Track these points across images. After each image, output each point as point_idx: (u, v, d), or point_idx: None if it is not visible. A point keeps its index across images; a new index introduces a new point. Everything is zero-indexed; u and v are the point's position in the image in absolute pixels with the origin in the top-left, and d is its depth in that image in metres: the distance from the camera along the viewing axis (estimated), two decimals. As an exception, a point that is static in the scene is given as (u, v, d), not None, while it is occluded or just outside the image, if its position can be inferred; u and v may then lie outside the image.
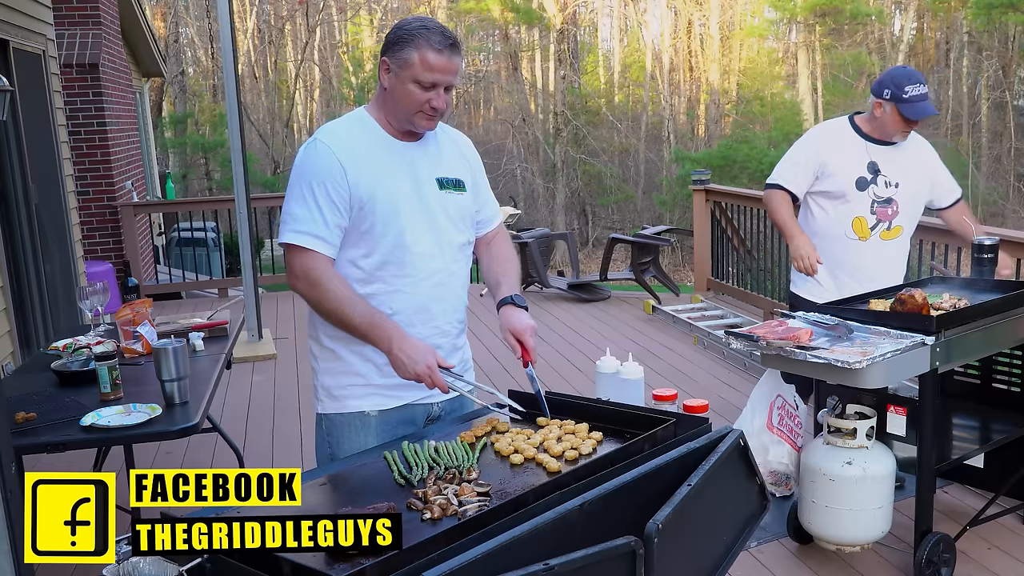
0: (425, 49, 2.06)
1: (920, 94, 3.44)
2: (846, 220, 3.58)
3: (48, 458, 4.33)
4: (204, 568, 1.39)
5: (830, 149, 3.61)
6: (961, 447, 3.32)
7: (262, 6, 26.08)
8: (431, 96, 2.10)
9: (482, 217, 2.37)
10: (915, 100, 3.44)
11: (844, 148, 3.60)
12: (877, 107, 3.52)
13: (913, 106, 3.44)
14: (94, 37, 8.78)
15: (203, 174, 24.21)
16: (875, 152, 3.57)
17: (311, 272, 2.10)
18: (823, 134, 3.74)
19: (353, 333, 2.11)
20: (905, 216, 3.60)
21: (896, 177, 3.56)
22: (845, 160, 3.57)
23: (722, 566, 1.81)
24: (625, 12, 26.34)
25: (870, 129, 3.58)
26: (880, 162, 3.56)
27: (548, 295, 8.47)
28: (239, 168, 6.20)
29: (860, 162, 3.56)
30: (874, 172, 3.55)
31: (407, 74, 2.09)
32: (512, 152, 24.47)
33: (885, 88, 3.48)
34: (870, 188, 3.55)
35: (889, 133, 3.53)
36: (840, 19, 23.18)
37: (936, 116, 3.56)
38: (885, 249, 3.60)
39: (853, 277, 3.60)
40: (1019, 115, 22.90)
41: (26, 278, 5.68)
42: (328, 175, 2.10)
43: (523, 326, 2.17)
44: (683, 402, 3.12)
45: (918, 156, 3.65)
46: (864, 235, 3.58)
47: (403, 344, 2.03)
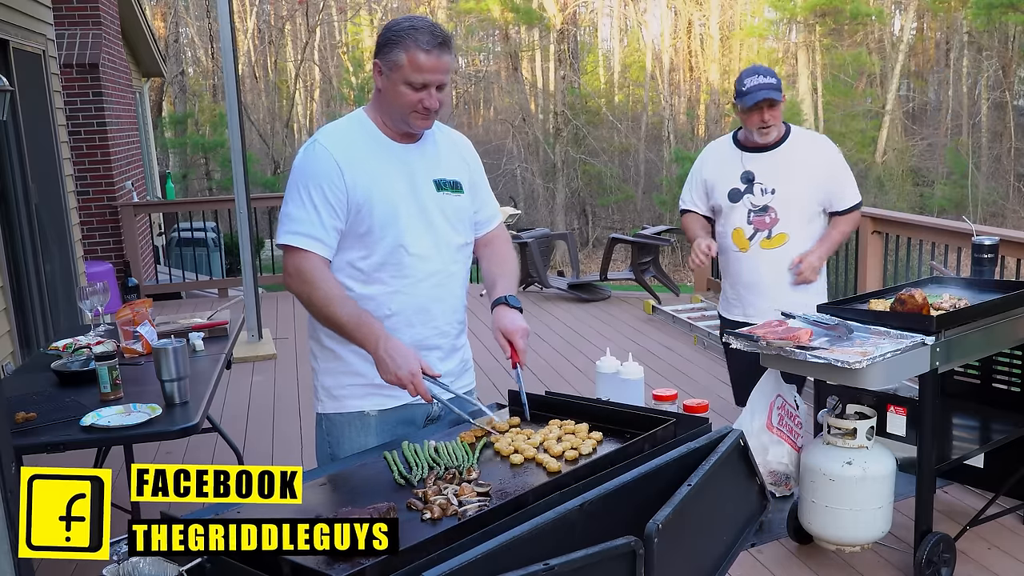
0: (414, 50, 2.06)
1: (756, 84, 3.34)
2: (728, 233, 3.56)
3: (48, 458, 4.34)
4: (204, 568, 1.39)
5: (709, 165, 3.62)
6: (961, 447, 3.32)
7: (262, 6, 26.07)
8: (423, 96, 2.09)
9: (481, 217, 2.37)
10: (752, 91, 3.35)
11: (720, 162, 3.57)
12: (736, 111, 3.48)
13: (748, 96, 3.35)
14: (94, 37, 8.78)
15: (203, 174, 24.20)
16: (750, 161, 3.49)
17: (304, 272, 2.10)
18: (706, 151, 3.72)
19: (341, 332, 2.10)
20: (789, 223, 3.46)
21: (772, 183, 3.45)
22: (720, 174, 3.55)
23: (722, 566, 1.81)
24: (625, 12, 26.34)
25: (744, 137, 3.53)
26: (756, 170, 3.47)
27: (548, 295, 8.47)
28: (239, 168, 6.20)
29: (734, 174, 3.51)
30: (748, 181, 3.48)
31: (397, 76, 2.08)
32: (512, 152, 24.47)
33: (735, 89, 3.44)
34: (745, 198, 3.49)
35: (750, 134, 3.46)
36: (840, 19, 23.18)
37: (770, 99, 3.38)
38: (768, 258, 3.50)
39: (746, 289, 3.58)
40: (1019, 115, 22.90)
41: (26, 278, 5.68)
42: (325, 177, 2.10)
43: (515, 327, 2.17)
44: (683, 402, 3.13)
45: (803, 158, 3.48)
46: (743, 246, 3.53)
47: (388, 346, 2.03)
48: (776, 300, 3.43)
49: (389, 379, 2.03)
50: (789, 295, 3.46)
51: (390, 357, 2.01)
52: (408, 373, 2.00)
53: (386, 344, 2.03)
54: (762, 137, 3.43)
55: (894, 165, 22.84)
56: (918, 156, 23.48)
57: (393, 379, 2.02)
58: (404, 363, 2.01)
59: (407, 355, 2.03)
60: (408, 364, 2.01)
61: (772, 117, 3.39)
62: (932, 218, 6.13)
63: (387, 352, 2.02)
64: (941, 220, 5.79)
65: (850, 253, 6.01)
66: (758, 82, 3.34)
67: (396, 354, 2.02)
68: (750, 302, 3.58)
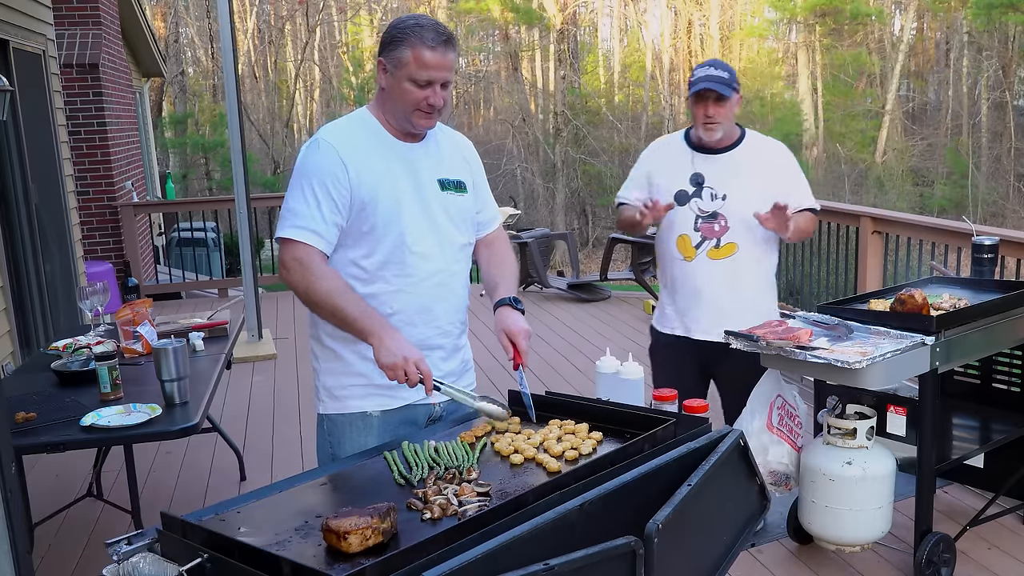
0: (419, 47, 2.06)
1: (705, 75, 3.11)
2: (672, 238, 3.23)
3: (48, 458, 4.35)
4: (204, 568, 1.39)
5: (655, 161, 3.33)
6: (961, 447, 3.32)
7: (262, 6, 26.07)
8: (428, 94, 2.10)
9: (482, 219, 2.37)
10: (698, 81, 3.10)
11: (669, 159, 3.28)
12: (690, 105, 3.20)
13: (692, 85, 3.13)
14: (94, 37, 8.78)
15: (203, 174, 24.21)
16: (701, 163, 3.20)
17: (303, 262, 2.09)
18: (653, 147, 3.43)
19: (342, 322, 2.08)
20: (738, 233, 3.15)
21: (724, 188, 3.15)
22: (667, 172, 3.24)
23: (722, 566, 1.81)
24: (625, 12, 26.34)
25: (697, 136, 3.23)
26: (707, 173, 3.18)
27: (548, 295, 8.47)
28: (239, 168, 6.20)
29: (682, 174, 3.20)
30: (698, 184, 3.17)
31: (402, 73, 2.09)
32: (512, 152, 24.47)
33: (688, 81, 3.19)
34: (693, 202, 3.18)
35: (697, 129, 3.17)
36: (840, 19, 23.19)
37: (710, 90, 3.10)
38: (714, 270, 3.18)
39: (687, 301, 3.25)
40: (1019, 115, 22.91)
41: (26, 278, 5.68)
42: (330, 173, 2.10)
43: (518, 328, 2.17)
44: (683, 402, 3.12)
45: (758, 164, 3.20)
46: (689, 254, 3.20)
47: (392, 334, 2.02)
48: (719, 316, 3.14)
49: (387, 363, 1.99)
50: (734, 312, 3.15)
51: (392, 340, 2.00)
52: (404, 357, 1.98)
53: (390, 331, 2.02)
54: (707, 133, 3.14)
55: (894, 165, 22.85)
56: (918, 156, 23.49)
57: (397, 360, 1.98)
58: (408, 348, 2.00)
59: (408, 344, 2.03)
60: (409, 350, 2.00)
61: (718, 113, 3.10)
62: (932, 218, 6.12)
63: (390, 337, 2.01)
64: (941, 220, 5.78)
65: (850, 253, 6.01)
66: (707, 73, 3.11)
67: (398, 341, 2.01)
68: (692, 316, 3.25)
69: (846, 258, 6.11)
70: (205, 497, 4.00)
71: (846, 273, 6.12)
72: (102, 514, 3.84)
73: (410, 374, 1.99)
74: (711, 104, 3.10)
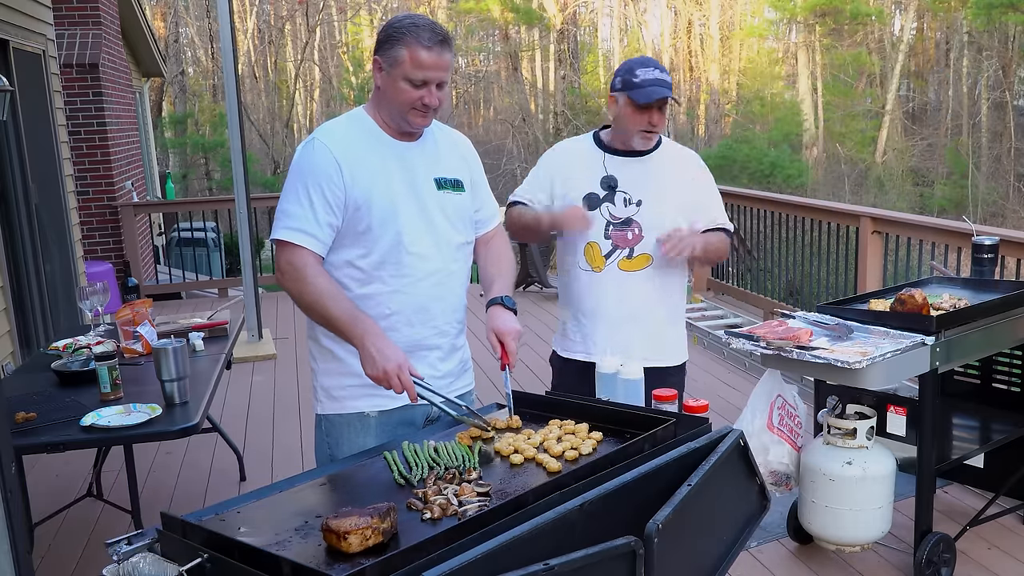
0: (415, 47, 2.06)
1: (653, 78, 2.76)
2: (578, 247, 2.88)
3: (48, 458, 4.35)
4: (204, 568, 1.39)
5: (561, 163, 2.97)
6: (961, 447, 3.32)
7: (262, 6, 26.08)
8: (423, 94, 2.09)
9: (480, 217, 2.37)
10: (646, 84, 2.74)
11: (577, 159, 2.94)
12: (611, 103, 2.88)
13: (644, 90, 2.74)
14: (94, 37, 8.78)
15: (203, 174, 24.21)
16: (614, 165, 2.88)
17: (295, 266, 2.09)
18: (558, 147, 3.08)
19: (331, 325, 2.09)
20: (651, 244, 2.83)
21: (639, 194, 2.84)
22: (576, 173, 2.90)
23: (722, 566, 1.81)
24: (625, 12, 26.35)
25: (611, 138, 2.92)
26: (620, 176, 2.87)
27: (548, 295, 8.47)
28: (239, 168, 6.20)
29: (592, 176, 2.88)
30: (609, 188, 2.86)
31: (398, 72, 2.08)
32: (512, 152, 24.47)
33: (617, 78, 2.84)
34: (604, 207, 2.86)
35: (629, 132, 2.83)
36: (840, 19, 23.20)
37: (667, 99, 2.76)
38: (624, 283, 2.85)
39: (588, 318, 2.89)
40: (1019, 115, 22.92)
41: (26, 278, 5.68)
42: (324, 174, 2.10)
43: (507, 328, 2.16)
44: (683, 402, 3.12)
45: (674, 172, 2.91)
46: (597, 264, 2.86)
47: (377, 341, 2.01)
48: (626, 337, 2.82)
49: (375, 373, 1.98)
50: (642, 332, 2.86)
51: (376, 350, 1.99)
52: (395, 365, 1.97)
53: (374, 339, 2.00)
54: (644, 142, 2.85)
55: (894, 165, 22.85)
56: (918, 156, 23.50)
57: (379, 372, 1.98)
58: (392, 355, 1.98)
59: (395, 349, 2.01)
60: (396, 356, 1.99)
61: (661, 121, 2.82)
62: (932, 218, 6.12)
63: (374, 346, 1.99)
64: (941, 220, 5.78)
65: (850, 253, 6.01)
66: (655, 76, 2.76)
67: (384, 348, 1.99)
68: (597, 335, 2.87)
69: (846, 258, 6.11)
70: (205, 497, 3.99)
71: (846, 273, 6.12)
72: (102, 514, 3.84)
73: (394, 386, 1.99)
74: (655, 112, 2.79)
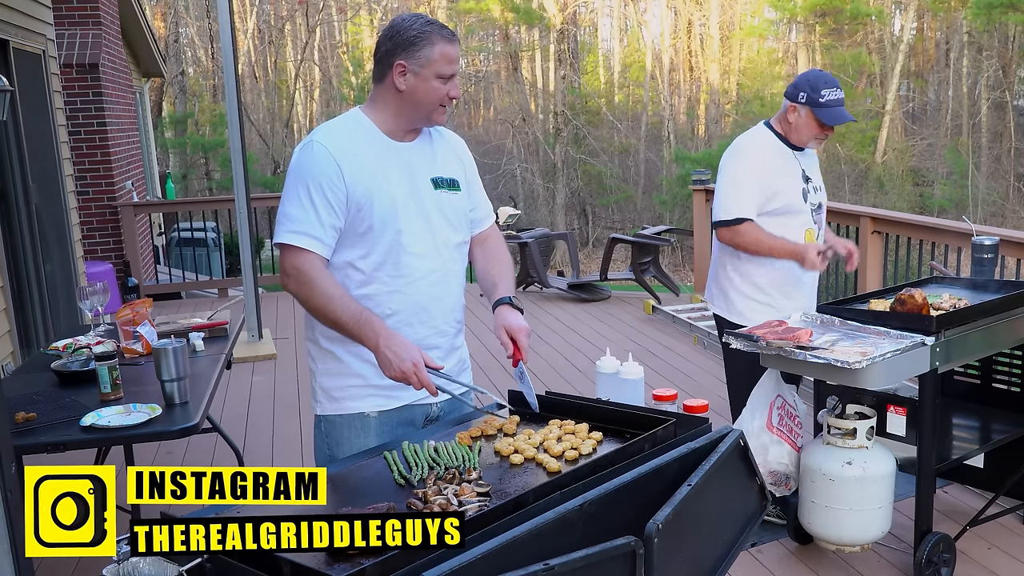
0: (441, 43, 2.10)
1: (837, 98, 3.28)
2: (800, 234, 3.34)
3: (48, 458, 4.34)
4: (204, 568, 1.39)
5: (769, 166, 3.35)
6: (961, 447, 3.32)
7: (262, 6, 26.07)
8: (449, 87, 2.14)
9: (475, 216, 2.37)
10: (832, 105, 3.27)
11: (784, 162, 3.38)
12: (791, 111, 3.32)
13: (830, 111, 3.27)
14: (94, 37, 8.78)
15: (203, 174, 24.19)
16: (801, 159, 3.42)
17: (302, 271, 2.10)
18: (759, 151, 3.39)
19: (342, 330, 2.10)
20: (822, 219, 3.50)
21: (817, 181, 3.46)
22: (787, 172, 3.37)
23: (722, 566, 1.81)
24: (625, 12, 26.35)
25: (787, 135, 3.38)
26: (807, 168, 3.42)
27: (548, 295, 8.47)
28: (239, 168, 6.20)
29: (797, 173, 3.38)
30: (806, 180, 3.40)
31: (430, 71, 2.11)
32: (512, 152, 24.46)
33: (801, 92, 3.29)
34: (808, 197, 3.40)
35: (804, 140, 3.34)
36: (840, 19, 23.19)
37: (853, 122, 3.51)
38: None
39: (796, 288, 3.41)
40: (1019, 115, 22.92)
41: (26, 278, 5.68)
42: (324, 176, 2.10)
43: (519, 326, 2.17)
44: (683, 402, 3.13)
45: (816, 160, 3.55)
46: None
47: (391, 342, 2.02)
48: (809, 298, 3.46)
49: (393, 375, 2.02)
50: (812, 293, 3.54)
51: (392, 352, 2.00)
52: (411, 364, 1.99)
53: (388, 341, 2.02)
54: (817, 146, 3.43)
55: (894, 165, 22.84)
56: (918, 156, 23.49)
57: (397, 374, 2.01)
58: (407, 355, 2.00)
59: (410, 347, 2.02)
60: (411, 355, 2.00)
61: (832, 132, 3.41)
62: (932, 218, 6.12)
63: (388, 348, 2.01)
64: (941, 220, 5.78)
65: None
66: (839, 96, 3.28)
67: (399, 348, 2.01)
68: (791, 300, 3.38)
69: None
70: (205, 497, 3.99)
71: (846, 273, 6.12)
72: (102, 514, 3.83)
73: (413, 385, 2.02)
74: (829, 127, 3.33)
